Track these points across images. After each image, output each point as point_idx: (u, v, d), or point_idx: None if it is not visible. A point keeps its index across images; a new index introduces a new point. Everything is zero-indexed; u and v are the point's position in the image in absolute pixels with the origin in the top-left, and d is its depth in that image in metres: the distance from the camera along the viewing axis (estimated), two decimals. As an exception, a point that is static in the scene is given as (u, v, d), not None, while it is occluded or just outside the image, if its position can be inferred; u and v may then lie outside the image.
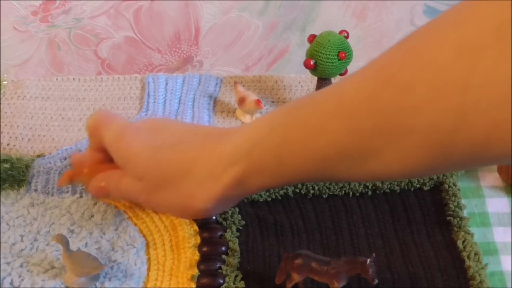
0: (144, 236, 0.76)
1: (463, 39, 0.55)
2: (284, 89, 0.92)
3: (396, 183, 0.80)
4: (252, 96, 0.87)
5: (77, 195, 0.80)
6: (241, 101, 0.88)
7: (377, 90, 0.59)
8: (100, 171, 0.74)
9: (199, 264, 0.73)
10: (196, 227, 0.77)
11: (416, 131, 0.57)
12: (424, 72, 0.57)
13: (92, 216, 0.77)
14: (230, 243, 0.74)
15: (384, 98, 0.58)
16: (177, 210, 0.71)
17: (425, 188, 0.80)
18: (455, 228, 0.75)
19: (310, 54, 0.85)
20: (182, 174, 0.67)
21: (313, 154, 0.62)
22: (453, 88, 0.55)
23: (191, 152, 0.67)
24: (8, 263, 0.72)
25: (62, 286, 0.71)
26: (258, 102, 0.86)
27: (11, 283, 0.70)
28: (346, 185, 0.80)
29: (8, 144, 0.86)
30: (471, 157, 0.58)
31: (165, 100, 0.91)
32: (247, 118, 0.89)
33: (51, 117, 0.90)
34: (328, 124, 0.61)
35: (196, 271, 0.72)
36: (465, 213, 0.77)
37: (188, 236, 0.76)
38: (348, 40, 0.86)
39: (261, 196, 0.80)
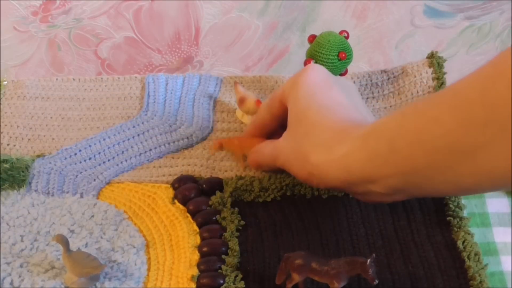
0: (144, 236, 0.76)
1: None
2: (284, 89, 0.92)
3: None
4: (252, 96, 0.87)
5: (78, 195, 0.80)
6: (241, 101, 0.88)
7: (490, 84, 0.61)
8: (249, 144, 0.80)
9: (199, 264, 0.73)
10: (196, 227, 0.77)
11: None
12: None
13: (92, 216, 0.77)
14: (230, 243, 0.74)
15: (499, 92, 0.60)
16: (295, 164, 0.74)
17: (425, 188, 0.80)
18: (455, 228, 0.75)
19: (310, 55, 0.85)
20: (315, 132, 0.71)
21: (425, 144, 0.64)
22: None
23: (328, 120, 0.71)
24: (8, 263, 0.72)
25: (62, 286, 0.71)
26: (258, 102, 0.86)
27: (11, 283, 0.70)
28: (346, 185, 0.80)
29: (8, 144, 0.86)
30: None
31: (165, 100, 0.91)
32: (247, 119, 0.89)
33: (51, 117, 0.90)
34: (442, 115, 0.63)
35: (196, 271, 0.72)
36: (465, 213, 0.77)
37: (188, 236, 0.76)
38: (348, 40, 0.86)
39: (260, 196, 0.80)
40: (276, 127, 0.81)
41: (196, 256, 0.74)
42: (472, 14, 1.37)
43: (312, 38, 0.87)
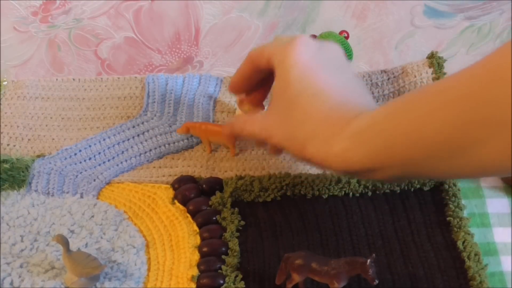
0: (144, 236, 0.76)
1: None
2: (284, 89, 0.92)
3: (396, 183, 0.80)
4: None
5: (78, 195, 0.80)
6: (241, 101, 0.88)
7: (486, 83, 0.61)
8: (214, 131, 0.83)
9: (199, 264, 0.73)
10: (196, 227, 0.77)
11: None
12: None
13: (92, 216, 0.77)
14: (230, 243, 0.74)
15: (493, 91, 0.60)
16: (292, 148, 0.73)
17: (425, 189, 0.80)
18: (455, 229, 0.75)
19: (310, 55, 0.85)
20: (304, 121, 0.71)
21: (421, 140, 0.64)
22: None
23: (324, 108, 0.70)
24: (8, 264, 0.72)
25: (62, 286, 0.71)
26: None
27: (11, 283, 0.70)
28: (346, 185, 0.80)
29: (8, 144, 0.86)
30: None
31: (165, 100, 0.91)
32: None
33: (51, 117, 0.90)
34: (438, 112, 0.63)
35: (196, 271, 0.72)
36: (465, 213, 0.77)
37: (188, 236, 0.76)
38: (348, 40, 0.86)
39: (260, 196, 0.80)
40: (257, 82, 0.80)
41: (196, 256, 0.74)
42: (472, 14, 1.37)
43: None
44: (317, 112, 0.71)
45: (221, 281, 0.71)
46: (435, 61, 0.92)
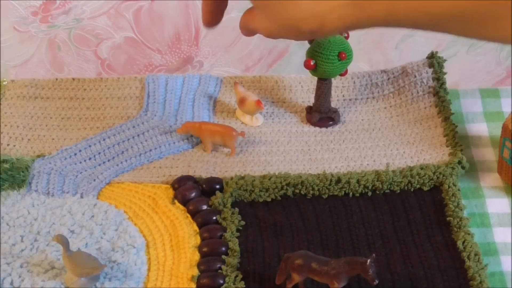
0: (144, 236, 0.76)
1: None
2: (284, 89, 0.92)
3: (396, 183, 0.80)
4: (252, 97, 0.87)
5: (78, 195, 0.80)
6: (241, 101, 0.88)
7: None
8: (209, 129, 0.83)
9: (199, 264, 0.73)
10: (196, 227, 0.77)
11: None
12: None
13: (93, 216, 0.77)
14: (230, 243, 0.74)
15: None
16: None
17: (425, 189, 0.80)
18: (455, 229, 0.75)
19: (310, 55, 0.85)
20: (286, 7, 0.68)
21: (428, 14, 0.63)
22: None
23: None
24: (8, 264, 0.72)
25: (62, 286, 0.71)
26: (258, 102, 0.86)
27: (11, 283, 0.70)
28: (346, 185, 0.80)
29: (8, 145, 0.86)
30: None
31: (165, 100, 0.91)
32: (247, 119, 0.89)
33: (51, 117, 0.90)
34: None
35: (196, 271, 0.72)
36: (465, 213, 0.77)
37: (188, 236, 0.76)
38: (348, 40, 0.86)
39: (260, 196, 0.80)
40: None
41: (196, 256, 0.74)
42: (472, 14, 1.36)
43: (312, 38, 0.87)
44: None
45: (221, 281, 0.71)
46: (435, 61, 0.92)
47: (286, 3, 0.69)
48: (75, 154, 0.85)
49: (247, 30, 0.76)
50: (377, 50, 1.29)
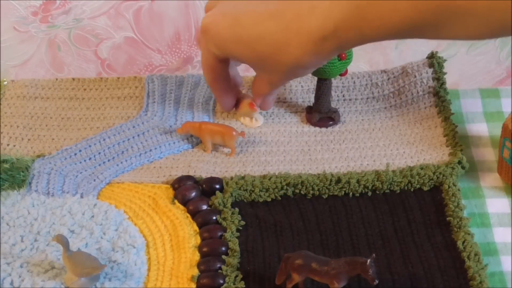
0: (144, 236, 0.76)
1: None
2: (284, 89, 0.92)
3: (396, 183, 0.80)
4: (246, 99, 0.87)
5: (78, 195, 0.80)
6: (236, 104, 0.88)
7: None
8: (208, 129, 0.85)
9: (199, 264, 0.73)
10: (196, 227, 0.77)
11: (475, 11, 0.68)
12: None
13: (93, 216, 0.77)
14: (230, 243, 0.74)
15: None
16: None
17: (425, 189, 0.80)
18: (455, 229, 0.75)
19: (310, 55, 0.85)
20: (280, 58, 0.78)
21: (389, 29, 0.73)
22: None
23: (280, 39, 0.78)
24: (8, 264, 0.72)
25: (62, 286, 0.71)
26: (251, 105, 0.87)
27: (11, 283, 0.70)
28: (346, 185, 0.80)
29: (8, 145, 0.86)
30: None
31: (165, 100, 0.91)
32: (247, 120, 0.89)
33: (51, 117, 0.90)
34: (398, 5, 0.71)
35: (196, 271, 0.72)
36: (465, 213, 0.77)
37: (188, 236, 0.76)
38: (348, 40, 0.86)
39: (260, 196, 0.80)
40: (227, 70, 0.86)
41: (196, 256, 0.74)
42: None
43: (312, 38, 0.86)
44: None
45: (221, 281, 0.71)
46: (435, 61, 0.92)
47: (279, 52, 0.78)
48: (75, 154, 0.85)
49: (264, 94, 0.85)
50: (377, 50, 1.29)
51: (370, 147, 0.86)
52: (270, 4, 0.80)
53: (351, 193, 0.80)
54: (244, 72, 0.95)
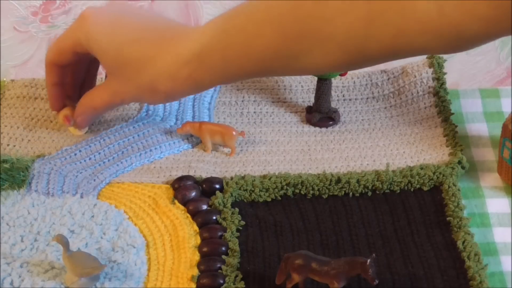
0: (144, 236, 0.76)
1: None
2: (285, 89, 0.92)
3: (396, 183, 0.80)
4: (68, 106, 0.87)
5: (78, 195, 0.80)
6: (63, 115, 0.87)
7: (300, 1, 0.71)
8: (209, 128, 0.85)
9: (199, 264, 0.73)
10: (196, 227, 0.77)
11: (335, 37, 0.70)
12: None
13: (93, 216, 0.77)
14: (230, 243, 0.74)
15: (306, 8, 0.70)
16: (142, 96, 0.81)
17: (425, 189, 0.80)
18: (455, 229, 0.75)
19: (310, 55, 0.85)
20: (142, 68, 0.78)
21: (253, 55, 0.74)
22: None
23: (150, 51, 0.78)
24: (8, 264, 0.72)
25: (62, 286, 0.71)
26: (66, 118, 0.86)
27: (11, 283, 0.70)
28: (346, 185, 0.80)
29: (8, 145, 0.86)
30: (384, 57, 0.73)
31: (165, 101, 0.91)
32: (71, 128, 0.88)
33: (51, 119, 0.90)
34: (262, 30, 0.72)
35: (196, 271, 0.72)
36: (465, 213, 0.77)
37: (188, 236, 0.76)
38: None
39: (260, 196, 0.80)
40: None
41: (196, 256, 0.74)
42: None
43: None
44: (145, 57, 0.78)
45: (221, 281, 0.71)
46: (435, 61, 0.92)
47: (144, 62, 0.78)
48: (75, 154, 0.85)
49: (91, 108, 0.84)
50: (377, 50, 1.29)
51: (370, 147, 0.86)
52: (159, 21, 0.81)
53: (351, 193, 0.80)
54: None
